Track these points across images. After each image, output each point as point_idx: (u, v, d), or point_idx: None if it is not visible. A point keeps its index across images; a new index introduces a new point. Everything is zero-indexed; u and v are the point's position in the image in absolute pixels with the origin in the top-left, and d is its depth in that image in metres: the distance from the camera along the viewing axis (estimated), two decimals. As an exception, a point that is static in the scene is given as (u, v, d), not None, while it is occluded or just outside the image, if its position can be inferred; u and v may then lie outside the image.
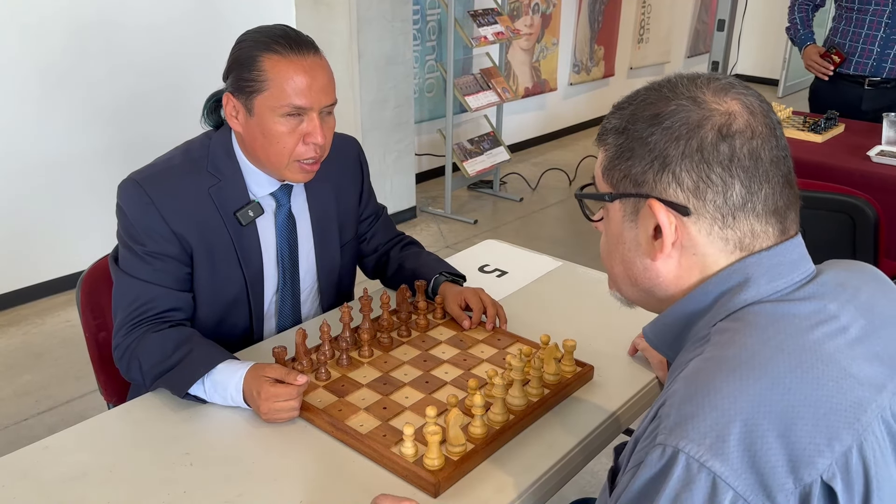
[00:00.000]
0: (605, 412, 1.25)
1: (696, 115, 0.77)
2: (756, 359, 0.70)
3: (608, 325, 1.48)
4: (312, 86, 1.30)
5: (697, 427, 0.67)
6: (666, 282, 0.83)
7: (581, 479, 2.19)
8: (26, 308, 3.22)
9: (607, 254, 0.90)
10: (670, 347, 0.87)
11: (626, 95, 0.85)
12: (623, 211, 0.84)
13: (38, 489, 1.08)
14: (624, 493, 0.72)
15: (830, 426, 0.68)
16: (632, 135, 0.80)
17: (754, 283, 0.77)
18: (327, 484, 1.09)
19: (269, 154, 1.35)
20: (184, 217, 1.36)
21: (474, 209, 4.53)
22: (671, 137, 0.77)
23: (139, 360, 1.30)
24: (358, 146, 1.63)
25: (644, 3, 6.26)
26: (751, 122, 0.77)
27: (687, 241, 0.79)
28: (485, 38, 4.25)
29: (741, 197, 0.77)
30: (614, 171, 0.83)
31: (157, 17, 3.32)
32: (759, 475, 0.65)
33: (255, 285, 1.45)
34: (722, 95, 0.79)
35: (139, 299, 1.34)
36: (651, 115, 0.79)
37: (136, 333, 1.32)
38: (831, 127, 3.10)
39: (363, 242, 1.68)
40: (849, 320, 0.76)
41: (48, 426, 2.50)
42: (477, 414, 1.14)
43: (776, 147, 0.78)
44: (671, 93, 0.80)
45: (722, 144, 0.76)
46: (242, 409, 1.23)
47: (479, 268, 1.78)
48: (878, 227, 2.11)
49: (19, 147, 3.07)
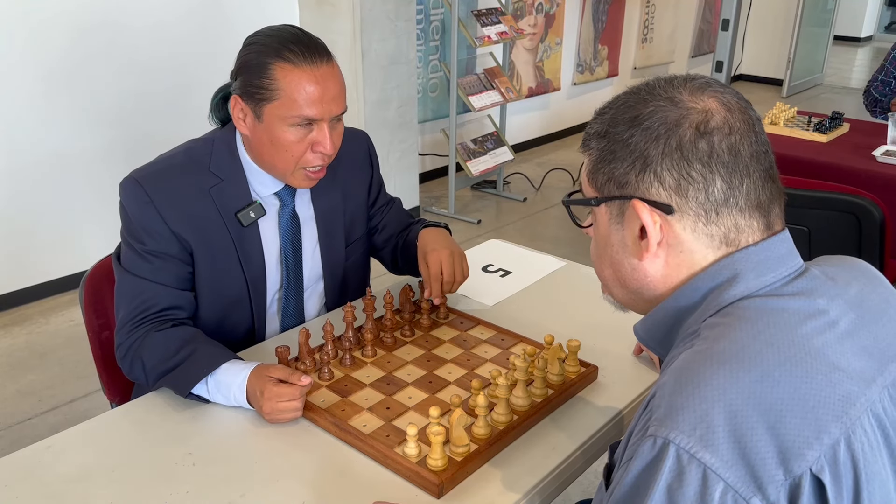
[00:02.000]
0: (610, 413, 1.24)
1: (673, 114, 0.79)
2: (745, 352, 0.71)
3: (612, 326, 1.47)
4: (324, 96, 1.29)
5: (687, 418, 0.68)
6: (654, 281, 0.84)
7: (585, 479, 2.18)
8: (30, 308, 3.22)
9: (597, 258, 0.91)
10: (660, 344, 0.88)
11: (606, 101, 0.87)
12: (609, 214, 0.85)
13: (40, 489, 1.08)
14: (618, 486, 0.72)
15: (819, 419, 0.68)
16: (613, 138, 0.82)
17: (743, 279, 0.78)
18: (330, 484, 1.08)
19: (276, 160, 1.34)
20: (183, 216, 1.35)
21: (478, 209, 4.53)
22: (650, 137, 0.79)
23: (142, 360, 1.30)
24: (368, 140, 1.62)
25: (648, 3, 6.25)
26: (728, 118, 0.79)
27: (673, 240, 0.80)
28: (488, 38, 4.24)
29: (723, 192, 0.78)
30: (598, 175, 0.85)
31: (160, 16, 3.32)
32: (749, 467, 0.66)
33: (257, 285, 1.45)
34: (699, 94, 0.80)
35: (141, 297, 1.33)
36: (630, 117, 0.81)
37: (138, 332, 1.32)
38: (836, 127, 3.10)
39: (376, 234, 1.66)
40: (838, 314, 0.76)
41: (51, 426, 2.50)
42: (480, 414, 1.14)
43: (756, 142, 0.79)
44: (648, 95, 0.81)
45: (700, 141, 0.77)
46: (245, 409, 1.23)
47: (482, 267, 1.77)
48: (884, 227, 2.10)
49: (23, 146, 3.07)
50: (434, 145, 4.82)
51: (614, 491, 0.73)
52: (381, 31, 3.71)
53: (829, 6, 7.73)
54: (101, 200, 3.32)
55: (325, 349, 1.33)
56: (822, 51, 7.92)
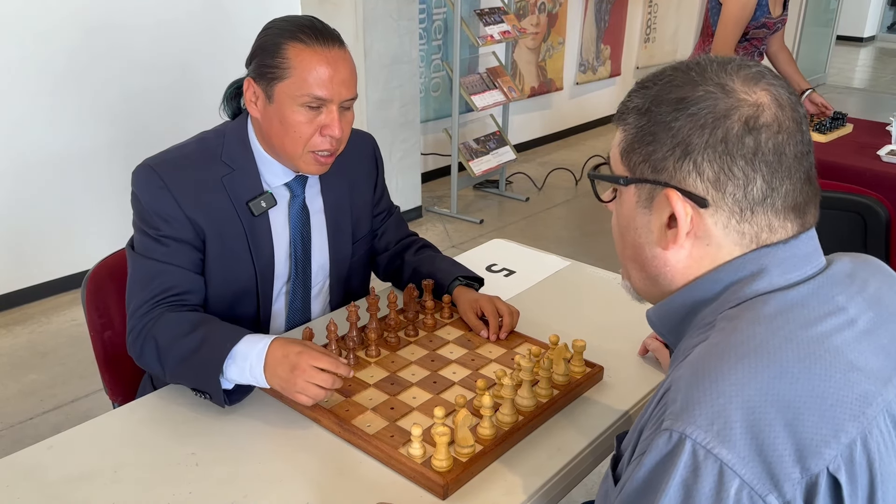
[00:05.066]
0: (616, 413, 1.24)
1: (723, 103, 0.75)
2: (764, 348, 0.69)
3: (618, 326, 1.47)
4: (334, 78, 1.30)
5: (704, 413, 0.67)
6: (673, 272, 0.81)
7: (590, 480, 2.17)
8: (32, 307, 3.22)
9: (619, 236, 0.88)
10: (672, 332, 0.86)
11: (650, 73, 0.82)
12: (637, 196, 0.82)
13: (41, 489, 1.07)
14: (630, 480, 0.71)
15: (836, 418, 0.67)
16: (655, 117, 0.78)
17: (767, 274, 0.76)
18: (334, 485, 1.08)
19: (285, 143, 1.34)
20: (197, 202, 1.35)
21: (480, 209, 4.52)
22: (696, 125, 0.75)
23: (155, 340, 1.27)
24: (373, 142, 1.63)
25: (651, 3, 6.24)
26: (779, 115, 0.75)
27: (702, 232, 0.78)
28: (491, 38, 4.23)
29: (762, 192, 0.75)
30: (633, 154, 0.81)
31: (163, 15, 3.31)
32: (765, 464, 0.65)
33: (265, 275, 1.45)
34: (752, 85, 0.76)
35: (157, 279, 1.32)
36: (677, 98, 0.77)
37: (153, 314, 1.30)
38: (838, 127, 3.08)
39: (374, 238, 1.66)
40: (857, 312, 0.75)
41: (53, 425, 2.49)
42: (486, 415, 1.13)
43: (801, 142, 0.77)
44: (699, 77, 0.77)
45: (747, 137, 0.74)
46: (248, 408, 1.22)
47: (486, 267, 1.76)
48: (890, 227, 2.09)
49: (25, 146, 3.07)
50: (436, 145, 4.81)
51: (626, 484, 0.72)
52: (383, 31, 3.70)
53: (832, 6, 7.72)
54: (103, 200, 3.32)
55: (328, 349, 1.32)
56: (825, 51, 7.91)
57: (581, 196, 4.70)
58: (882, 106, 6.88)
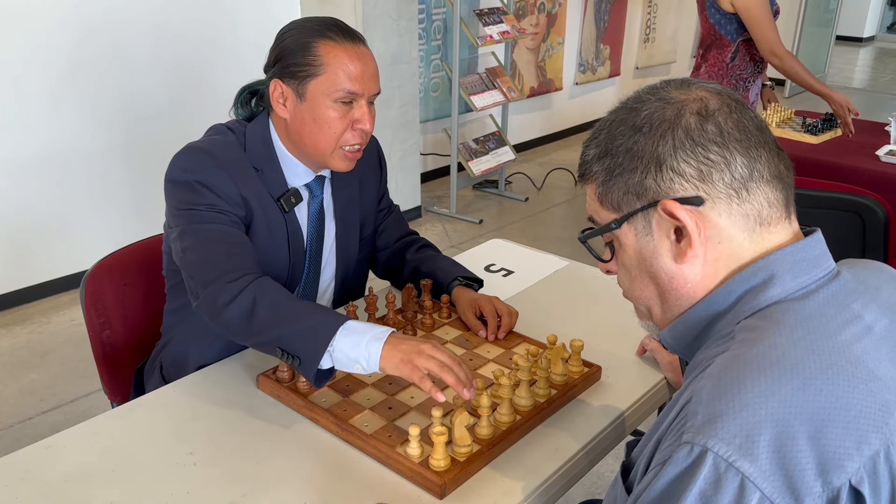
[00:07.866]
0: (613, 413, 1.24)
1: (670, 110, 0.78)
2: (787, 359, 0.69)
3: (616, 326, 1.47)
4: (365, 73, 1.33)
5: (727, 426, 0.66)
6: (694, 286, 0.80)
7: (588, 480, 2.17)
8: (31, 307, 3.22)
9: (631, 283, 0.86)
10: (688, 347, 0.85)
11: (591, 131, 0.85)
12: (635, 230, 0.82)
13: (40, 489, 1.07)
14: (647, 491, 0.70)
15: (860, 430, 0.66)
16: (615, 152, 0.81)
17: (780, 280, 0.76)
18: (332, 484, 1.08)
19: (318, 140, 1.35)
20: (245, 187, 1.36)
21: (479, 209, 4.52)
22: (656, 137, 0.78)
23: (254, 295, 1.21)
24: (377, 143, 1.64)
25: (650, 3, 6.24)
26: (722, 101, 0.79)
27: (711, 230, 0.78)
28: (490, 38, 4.23)
29: (745, 167, 0.77)
30: (611, 194, 0.82)
31: (162, 16, 3.31)
32: (787, 478, 0.64)
33: (295, 271, 1.46)
34: (685, 89, 0.80)
35: (230, 246, 1.28)
36: (627, 128, 0.80)
37: (250, 277, 1.24)
38: (829, 129, 3.08)
39: (375, 235, 1.66)
40: (873, 319, 0.75)
41: (52, 425, 2.50)
42: (483, 414, 1.13)
43: (755, 117, 0.80)
44: (638, 103, 0.81)
45: (707, 124, 0.77)
46: (247, 407, 1.22)
47: (485, 267, 1.77)
48: (888, 227, 2.10)
49: (24, 146, 3.07)
50: (436, 145, 4.81)
51: (641, 495, 0.71)
52: (382, 31, 3.71)
53: (832, 6, 7.72)
54: (102, 200, 3.32)
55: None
56: (825, 51, 7.91)
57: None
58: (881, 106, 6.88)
